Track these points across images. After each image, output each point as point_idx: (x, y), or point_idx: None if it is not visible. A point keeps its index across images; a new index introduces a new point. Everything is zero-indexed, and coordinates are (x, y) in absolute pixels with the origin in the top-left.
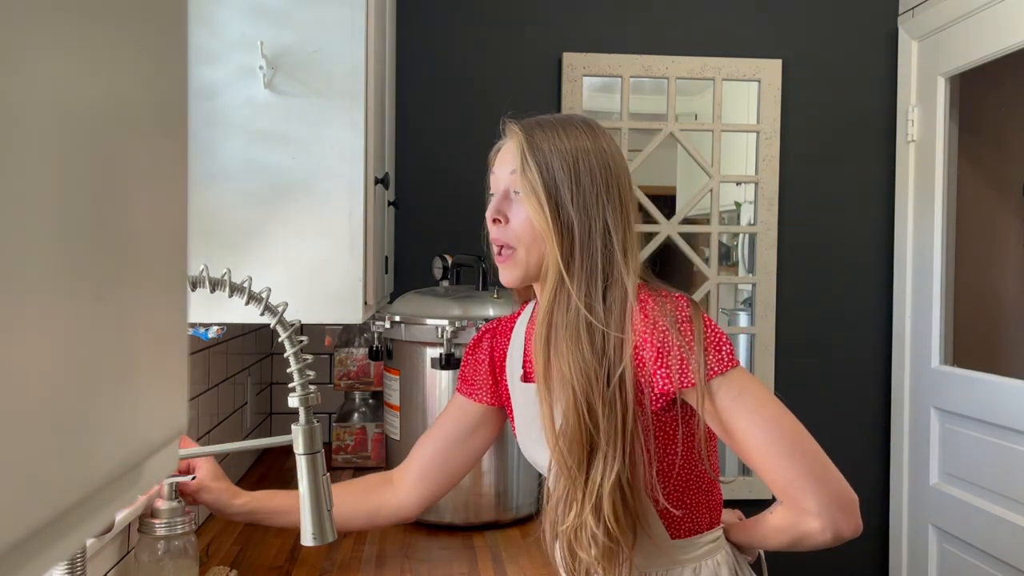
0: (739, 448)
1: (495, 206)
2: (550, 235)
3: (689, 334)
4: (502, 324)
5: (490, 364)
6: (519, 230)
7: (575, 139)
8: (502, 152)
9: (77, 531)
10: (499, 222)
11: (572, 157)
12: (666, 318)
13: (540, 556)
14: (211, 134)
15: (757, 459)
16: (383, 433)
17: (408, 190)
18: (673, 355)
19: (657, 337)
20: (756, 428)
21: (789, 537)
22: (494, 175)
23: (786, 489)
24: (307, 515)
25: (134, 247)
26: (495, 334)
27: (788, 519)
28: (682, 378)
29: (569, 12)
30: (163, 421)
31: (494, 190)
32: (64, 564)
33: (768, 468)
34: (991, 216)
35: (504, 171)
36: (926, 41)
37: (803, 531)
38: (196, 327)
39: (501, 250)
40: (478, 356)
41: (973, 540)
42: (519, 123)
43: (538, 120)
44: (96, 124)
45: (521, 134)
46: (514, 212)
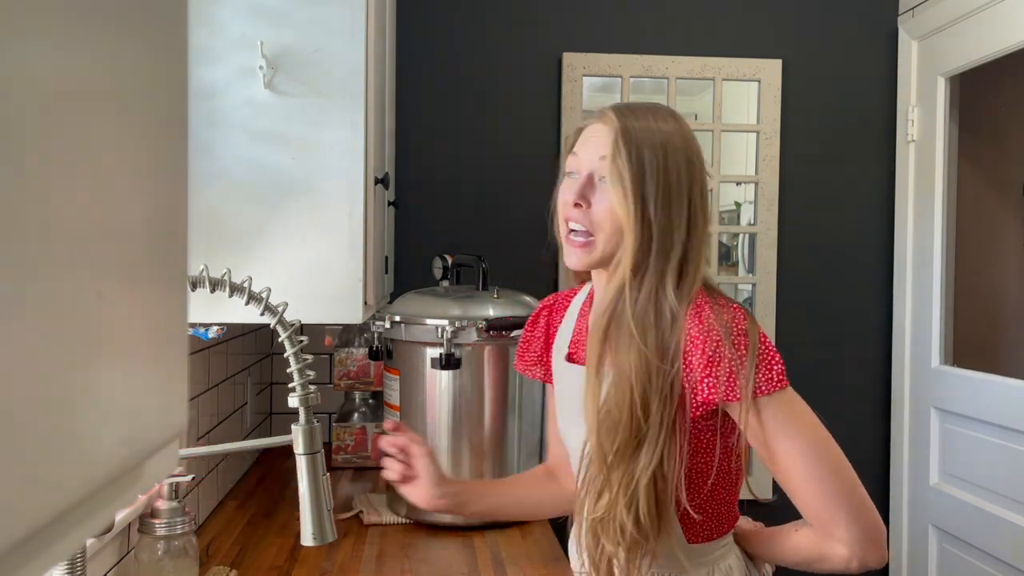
0: (777, 468)
1: (579, 190)
2: (631, 229)
3: (742, 348)
4: (559, 300)
5: (545, 341)
6: (600, 217)
7: (666, 134)
8: (590, 135)
9: (77, 531)
10: (581, 206)
11: (662, 152)
12: (721, 328)
13: (540, 556)
14: (211, 134)
15: (795, 482)
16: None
17: (408, 190)
18: (722, 366)
19: (709, 345)
20: (798, 452)
21: (810, 558)
22: (576, 156)
23: (819, 515)
24: (307, 515)
25: (134, 247)
26: (552, 310)
27: (814, 541)
28: (728, 391)
29: (569, 12)
30: (163, 421)
31: (574, 171)
32: (64, 564)
33: (805, 492)
34: (991, 216)
35: (591, 155)
36: (926, 41)
37: (826, 555)
38: (196, 327)
39: (572, 233)
40: (535, 333)
41: (973, 540)
42: (615, 111)
43: (631, 108)
44: (96, 124)
45: (617, 121)
46: (597, 198)
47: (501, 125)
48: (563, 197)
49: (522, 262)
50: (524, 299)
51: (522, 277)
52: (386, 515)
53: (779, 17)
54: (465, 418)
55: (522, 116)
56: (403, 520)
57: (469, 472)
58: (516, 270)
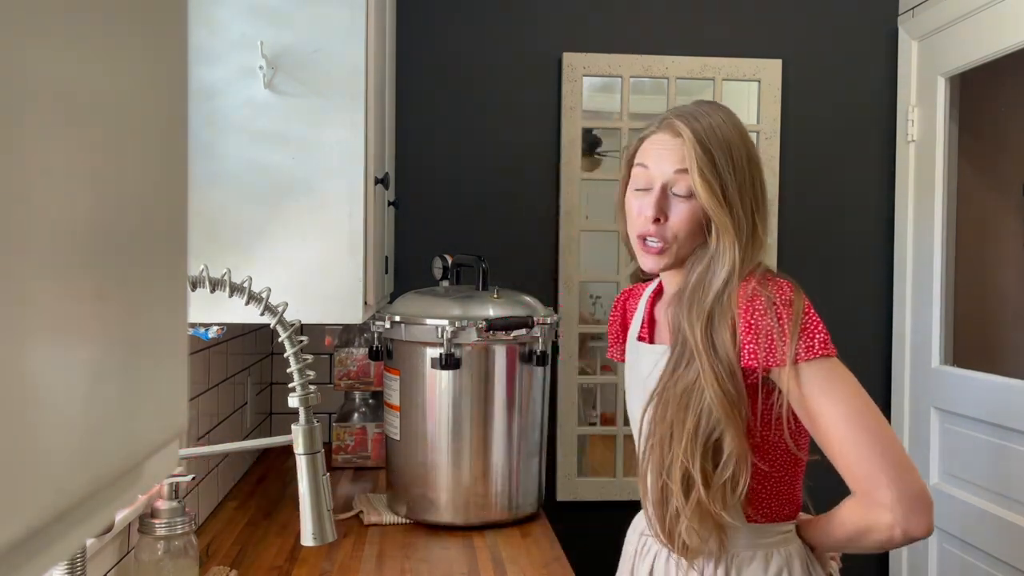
0: (820, 435)
1: (656, 205)
2: (731, 230)
3: (785, 317)
4: (635, 290)
5: (622, 324)
6: (677, 228)
7: (728, 134)
8: (659, 146)
9: (77, 531)
10: (659, 221)
11: (730, 154)
12: (765, 298)
13: (540, 556)
14: (211, 134)
15: (837, 447)
16: (383, 433)
17: (408, 190)
18: (763, 333)
19: (751, 313)
20: (840, 417)
21: (855, 529)
22: (647, 169)
23: (862, 481)
24: (307, 515)
25: (134, 247)
26: (628, 296)
27: (858, 511)
28: (768, 356)
29: (569, 12)
30: (163, 421)
31: (646, 185)
32: (64, 564)
33: (847, 458)
34: (991, 216)
35: (664, 168)
36: (926, 41)
37: (871, 524)
38: (196, 327)
39: (649, 240)
40: (615, 319)
41: (973, 540)
42: (682, 120)
43: (692, 114)
44: (96, 124)
45: (691, 133)
46: (674, 210)
47: (501, 125)
48: (639, 211)
49: (522, 262)
50: (524, 299)
51: (522, 277)
52: (386, 515)
53: (779, 17)
54: (465, 418)
55: (522, 116)
56: (403, 520)
57: (469, 472)
58: (516, 270)
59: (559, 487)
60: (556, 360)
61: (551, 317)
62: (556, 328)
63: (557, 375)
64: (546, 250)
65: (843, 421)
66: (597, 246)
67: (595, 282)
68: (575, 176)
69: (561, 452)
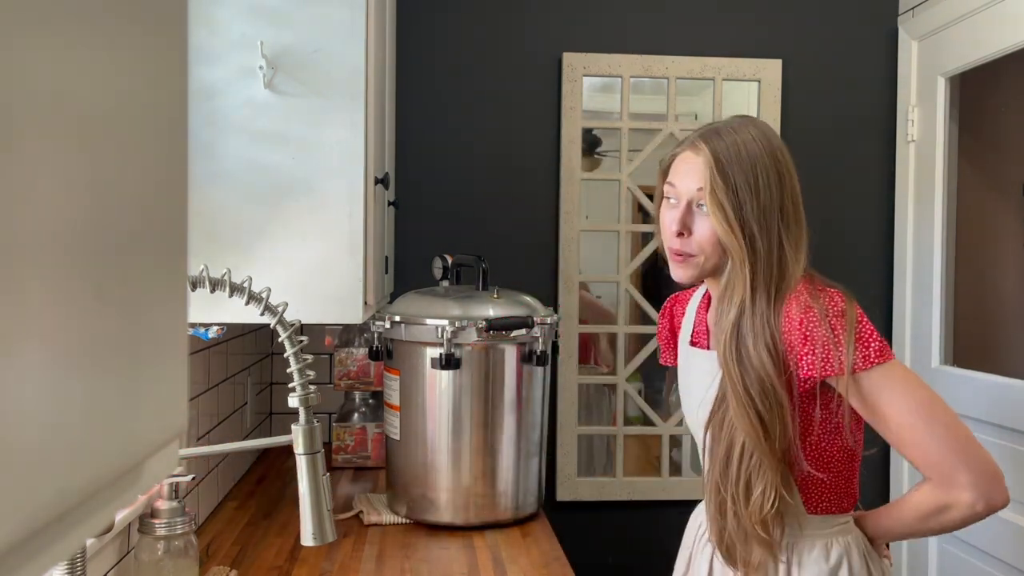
0: (891, 434)
1: (681, 219)
2: (740, 252)
3: (839, 328)
4: (682, 295)
5: (670, 329)
6: (701, 241)
7: (755, 154)
8: (685, 164)
9: (77, 531)
10: (683, 235)
11: (753, 175)
12: (818, 310)
13: (540, 556)
14: (211, 134)
15: (909, 440)
16: (383, 433)
17: (408, 190)
18: (819, 344)
19: (805, 325)
20: (908, 413)
21: (934, 511)
22: (674, 186)
23: (938, 466)
24: (307, 515)
25: (134, 247)
26: (675, 302)
27: (936, 495)
28: (825, 366)
29: (569, 12)
30: (163, 421)
31: (674, 199)
32: (64, 564)
33: (920, 448)
34: (991, 216)
35: (688, 185)
36: (926, 41)
37: (950, 503)
38: (196, 327)
39: (672, 254)
40: (663, 324)
41: (973, 540)
42: (705, 139)
43: (718, 131)
44: (96, 124)
45: (709, 154)
46: (698, 225)
47: (501, 125)
48: (666, 224)
49: (522, 262)
50: (524, 299)
51: (522, 277)
52: (386, 515)
53: (779, 17)
54: (465, 418)
55: (522, 116)
56: (403, 520)
57: (469, 472)
58: (516, 270)
59: (559, 487)
60: (556, 360)
61: (551, 317)
62: (556, 328)
63: (557, 375)
64: (546, 250)
65: (911, 416)
66: (597, 246)
67: (595, 282)
68: (575, 176)
69: (561, 452)
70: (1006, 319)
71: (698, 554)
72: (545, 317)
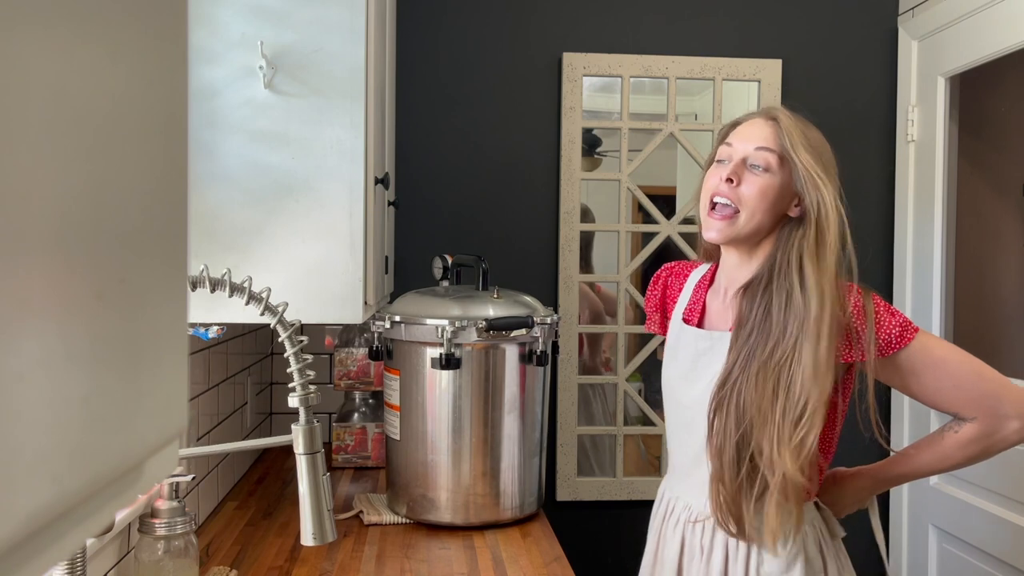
0: (930, 397)
1: (734, 169)
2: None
3: (860, 318)
4: (679, 268)
5: (661, 299)
6: (748, 196)
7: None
8: (752, 128)
9: (77, 531)
10: (732, 182)
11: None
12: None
13: (540, 556)
14: (211, 134)
15: (951, 399)
16: (383, 433)
17: (408, 190)
18: (851, 331)
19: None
20: (945, 377)
21: (982, 447)
22: (731, 146)
23: (981, 402)
24: (307, 515)
25: (134, 247)
26: (671, 274)
27: (983, 430)
28: (845, 353)
29: (569, 12)
30: (163, 421)
31: (726, 158)
32: (64, 564)
33: (964, 400)
34: (991, 216)
35: (747, 145)
36: (926, 41)
37: (1000, 434)
38: (196, 327)
39: (717, 208)
40: (655, 291)
41: (973, 540)
42: (780, 110)
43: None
44: (96, 124)
45: (784, 117)
46: (747, 179)
47: (501, 125)
48: (713, 178)
49: (522, 262)
50: (524, 299)
51: (522, 277)
52: (386, 515)
53: (779, 17)
54: (465, 418)
55: (522, 116)
56: (403, 520)
57: (469, 472)
58: (516, 270)
59: (559, 487)
60: (556, 360)
61: (551, 317)
62: (556, 328)
63: (557, 375)
64: (546, 250)
65: (950, 372)
66: (597, 246)
67: (595, 282)
68: (575, 176)
69: (561, 452)
70: (1006, 319)
71: (668, 530)
72: (545, 317)
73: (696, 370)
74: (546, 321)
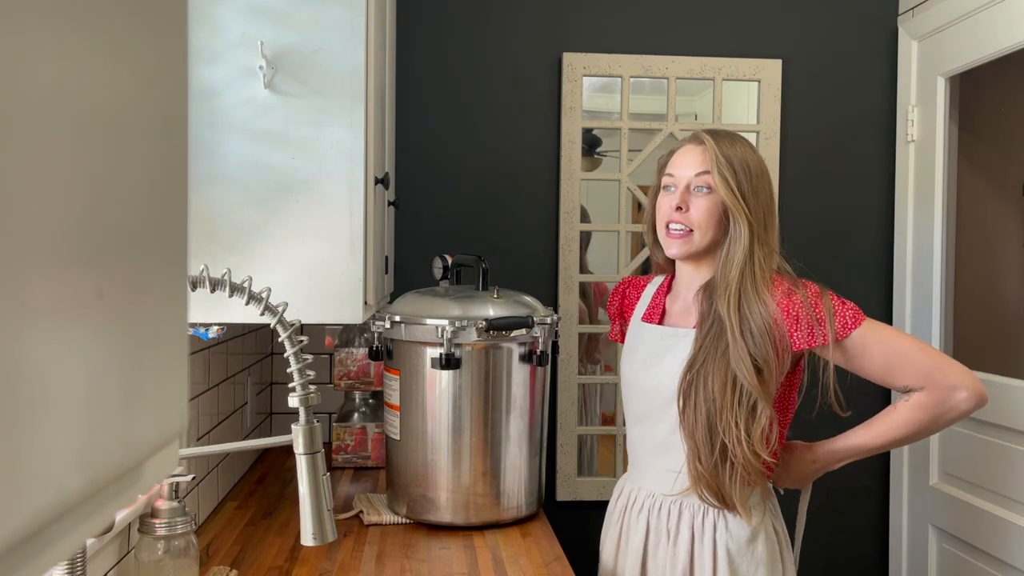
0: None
1: (681, 197)
2: (742, 213)
3: (820, 307)
4: (635, 280)
5: (619, 307)
6: (697, 217)
7: (746, 151)
8: (687, 155)
9: (77, 531)
10: (681, 209)
11: (745, 165)
12: (800, 295)
13: (540, 556)
14: (211, 134)
15: (900, 373)
16: (383, 433)
17: (408, 190)
18: (804, 322)
19: (791, 307)
20: (891, 349)
21: (931, 415)
22: (673, 176)
23: (931, 374)
24: (307, 515)
25: (134, 247)
26: (629, 286)
27: (931, 399)
28: (811, 338)
29: (569, 12)
30: (163, 421)
31: (672, 185)
32: (64, 564)
33: (912, 365)
34: (991, 216)
35: (688, 171)
36: (926, 41)
37: (950, 403)
38: (196, 327)
39: (673, 231)
40: (614, 301)
41: (973, 540)
42: (707, 133)
43: (715, 131)
44: (96, 124)
45: (713, 142)
46: (695, 204)
47: (501, 125)
48: (664, 205)
49: (522, 262)
50: (524, 299)
51: (522, 277)
52: (386, 515)
53: (779, 17)
54: (465, 418)
55: (522, 116)
56: (403, 520)
57: (469, 472)
58: (516, 270)
59: (559, 487)
60: (556, 360)
61: (551, 317)
62: (556, 328)
63: (557, 375)
64: (546, 250)
65: (896, 348)
66: (597, 246)
67: (595, 282)
68: (575, 176)
69: (561, 452)
70: (1006, 319)
71: (632, 519)
72: (545, 317)
73: (661, 362)
74: (546, 321)
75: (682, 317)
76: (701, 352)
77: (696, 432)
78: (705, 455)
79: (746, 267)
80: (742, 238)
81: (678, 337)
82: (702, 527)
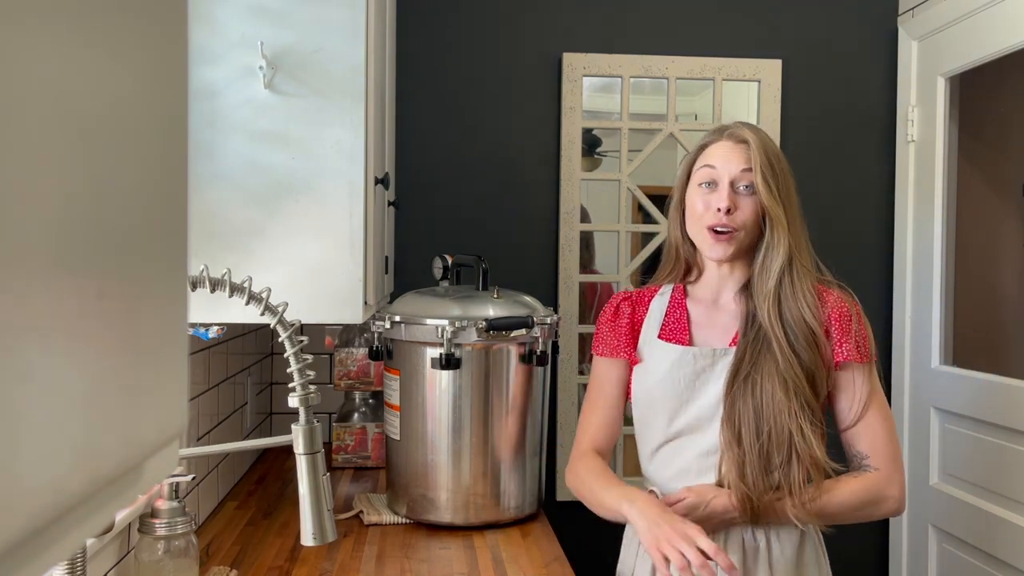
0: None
1: (730, 197)
2: (783, 221)
3: (861, 321)
4: (637, 295)
5: (630, 325)
6: (744, 219)
7: (778, 151)
8: (729, 150)
9: (77, 531)
10: (730, 211)
11: (781, 166)
12: (848, 305)
13: (540, 556)
14: (211, 134)
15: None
16: (383, 433)
17: (408, 190)
18: (852, 335)
19: (840, 318)
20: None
21: (869, 499)
22: (714, 168)
23: (890, 461)
24: (307, 515)
25: (134, 247)
26: (634, 303)
27: (878, 483)
28: (855, 353)
29: (569, 12)
30: (163, 421)
31: (714, 180)
32: (64, 564)
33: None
34: (991, 216)
35: (732, 167)
36: (926, 41)
37: (884, 496)
38: (196, 327)
39: (718, 230)
40: (620, 321)
41: (973, 540)
42: (748, 129)
43: (753, 128)
44: (96, 124)
45: (758, 140)
46: (742, 204)
47: (501, 125)
48: (706, 206)
49: (522, 262)
50: (524, 299)
51: (522, 277)
52: (386, 515)
53: (779, 17)
54: (465, 418)
55: (522, 116)
56: (403, 520)
57: (469, 472)
58: (516, 270)
59: (559, 487)
60: (556, 360)
61: (551, 317)
62: (556, 328)
63: (557, 375)
64: (546, 250)
65: (882, 413)
66: (597, 246)
67: (595, 282)
68: (575, 176)
69: (561, 452)
70: (1006, 319)
71: None
72: (545, 317)
73: (696, 387)
74: (546, 321)
75: (710, 327)
76: (747, 361)
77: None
78: (751, 463)
79: (784, 276)
80: (782, 246)
81: (715, 358)
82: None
